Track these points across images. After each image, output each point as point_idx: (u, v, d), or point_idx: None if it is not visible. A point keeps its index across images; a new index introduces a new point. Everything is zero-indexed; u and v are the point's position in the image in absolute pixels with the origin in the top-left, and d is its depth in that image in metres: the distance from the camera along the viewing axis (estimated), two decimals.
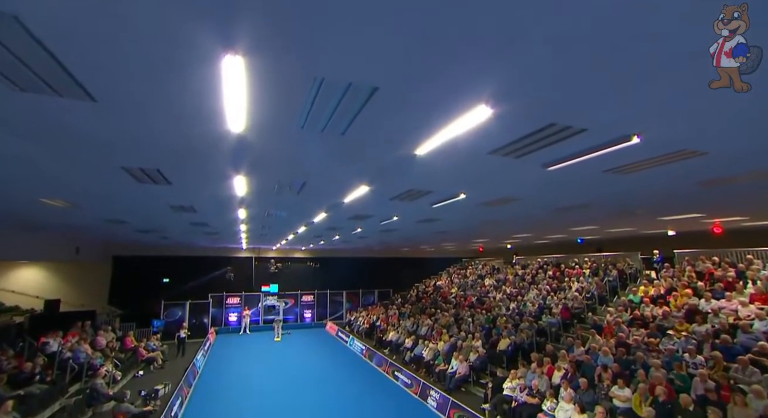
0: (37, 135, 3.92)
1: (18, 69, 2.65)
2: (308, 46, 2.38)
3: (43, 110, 3.33)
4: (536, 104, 3.28)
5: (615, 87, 2.93)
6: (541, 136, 3.90)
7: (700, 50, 2.12)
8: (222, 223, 11.00)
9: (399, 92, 3.03)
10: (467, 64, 2.63)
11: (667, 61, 2.53)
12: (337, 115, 3.46)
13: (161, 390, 10.13)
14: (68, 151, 4.43)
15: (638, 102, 3.16)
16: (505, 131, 3.75)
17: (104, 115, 3.41)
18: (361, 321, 21.22)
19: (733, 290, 10.92)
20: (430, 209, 8.44)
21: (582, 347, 10.65)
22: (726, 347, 8.53)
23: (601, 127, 3.73)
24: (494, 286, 19.55)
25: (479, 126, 3.56)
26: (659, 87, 2.89)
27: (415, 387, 11.55)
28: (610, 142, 3.91)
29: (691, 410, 6.95)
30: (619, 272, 14.84)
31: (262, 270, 24.61)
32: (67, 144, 4.18)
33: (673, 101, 3.12)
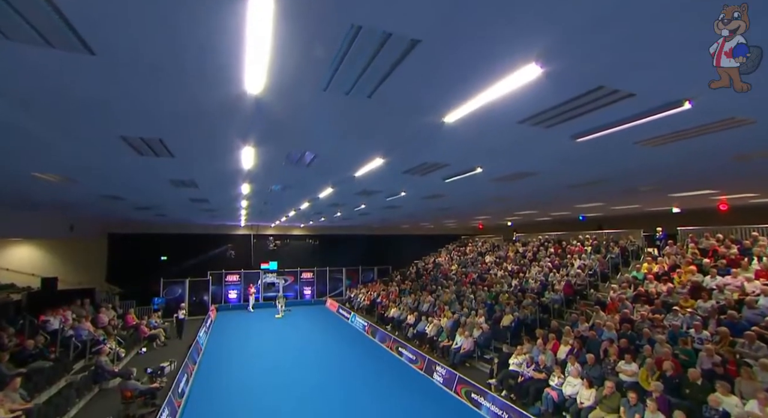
0: (26, 97, 3.51)
1: (2, 11, 2.25)
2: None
3: (33, 66, 2.93)
4: (587, 65, 2.97)
5: (672, 47, 2.64)
6: (584, 101, 3.59)
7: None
8: (223, 199, 10.64)
9: (443, 46, 2.68)
10: (523, 15, 2.31)
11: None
12: (367, 75, 3.11)
13: (167, 367, 10.09)
14: (61, 118, 4.03)
15: (696, 65, 2.85)
16: (550, 94, 3.43)
17: (104, 72, 3.01)
18: (361, 298, 21.34)
19: (737, 266, 10.95)
20: (442, 183, 8.16)
21: (586, 323, 10.71)
22: (732, 323, 8.58)
23: (650, 92, 3.43)
24: (495, 263, 19.61)
25: (522, 89, 3.25)
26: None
27: (420, 363, 11.66)
28: (658, 109, 3.62)
29: (699, 384, 7.01)
30: (621, 249, 14.86)
31: (260, 247, 24.44)
32: (60, 108, 3.78)
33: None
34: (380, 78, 3.17)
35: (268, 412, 8.67)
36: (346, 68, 2.98)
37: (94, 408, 9.10)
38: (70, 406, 8.79)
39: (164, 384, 9.53)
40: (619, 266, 14.34)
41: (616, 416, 7.06)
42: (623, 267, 14.27)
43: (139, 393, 8.87)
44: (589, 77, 3.16)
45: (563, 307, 12.94)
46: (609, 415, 7.12)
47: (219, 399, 9.39)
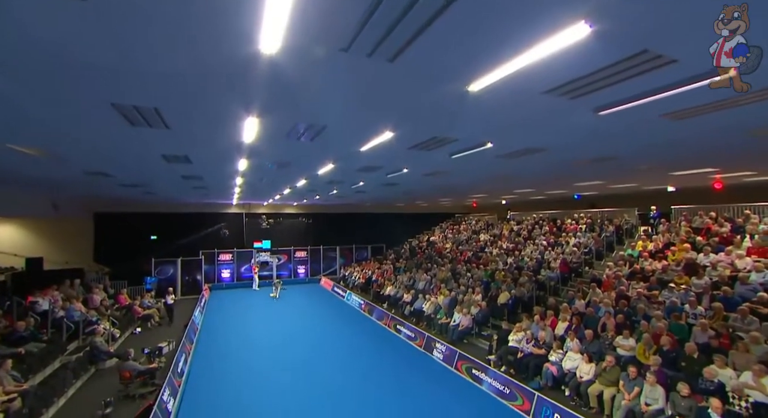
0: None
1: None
2: None
3: (7, 15, 2.53)
4: (637, 25, 2.72)
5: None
6: (624, 67, 3.35)
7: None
8: (218, 176, 10.21)
9: (483, 4, 2.38)
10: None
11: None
12: (394, 35, 2.80)
13: (165, 347, 9.97)
14: (41, 79, 3.59)
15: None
16: (590, 58, 3.17)
17: (93, 22, 2.62)
18: (356, 276, 21.38)
19: (730, 244, 11.16)
20: (447, 160, 7.93)
21: (582, 299, 10.88)
22: (725, 298, 8.78)
23: (694, 59, 3.19)
24: (490, 241, 19.73)
25: (561, 52, 2.99)
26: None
27: (420, 340, 11.77)
28: (700, 77, 3.40)
29: (695, 357, 7.19)
30: (616, 227, 15.03)
31: (253, 226, 24.06)
32: (40, 68, 3.34)
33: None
34: (408, 39, 2.86)
35: (268, 390, 8.66)
36: (373, 26, 2.66)
37: (91, 389, 8.97)
38: (67, 387, 8.65)
39: (163, 364, 9.42)
40: (613, 244, 14.53)
41: (615, 388, 7.22)
42: (618, 245, 14.47)
43: (138, 373, 8.75)
44: (635, 40, 2.91)
45: (559, 284, 13.13)
46: (608, 388, 7.28)
47: (219, 378, 9.34)
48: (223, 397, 8.33)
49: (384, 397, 8.30)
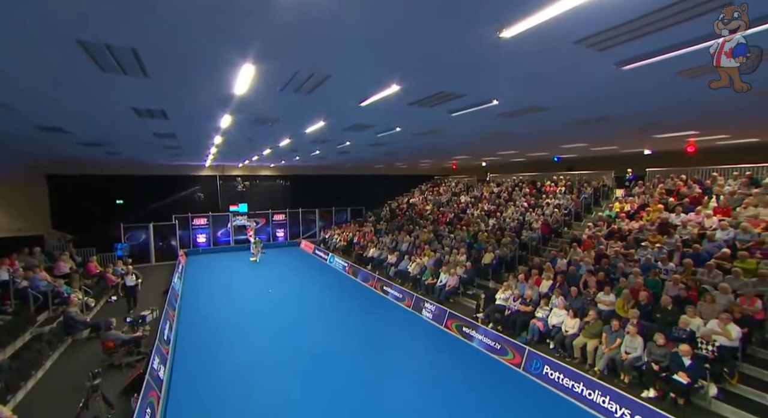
0: None
1: None
2: None
3: None
4: None
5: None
6: (671, 12, 3.08)
7: None
8: (195, 133, 9.34)
9: None
10: None
11: None
12: None
13: (148, 316, 9.57)
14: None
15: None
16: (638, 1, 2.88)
17: None
18: (337, 239, 21.27)
19: (699, 204, 11.80)
20: (446, 118, 7.58)
21: (564, 259, 11.32)
22: (695, 255, 9.39)
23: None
24: (471, 203, 19.96)
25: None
26: None
27: (408, 301, 12.00)
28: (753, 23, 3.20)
29: (669, 309, 7.72)
30: (594, 189, 15.51)
31: (228, 189, 23.02)
32: None
33: None
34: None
35: (259, 355, 8.61)
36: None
37: (71, 360, 8.59)
38: (44, 359, 8.21)
39: (148, 333, 9.09)
40: (591, 206, 15.06)
41: (597, 340, 7.70)
42: (595, 206, 15.01)
43: (122, 343, 8.42)
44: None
45: (540, 244, 13.58)
46: (591, 340, 7.75)
47: (207, 344, 9.18)
48: (213, 363, 8.21)
49: (376, 357, 8.48)
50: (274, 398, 6.81)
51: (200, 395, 6.94)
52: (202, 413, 6.38)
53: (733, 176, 12.96)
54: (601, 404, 6.25)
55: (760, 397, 6.23)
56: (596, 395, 6.37)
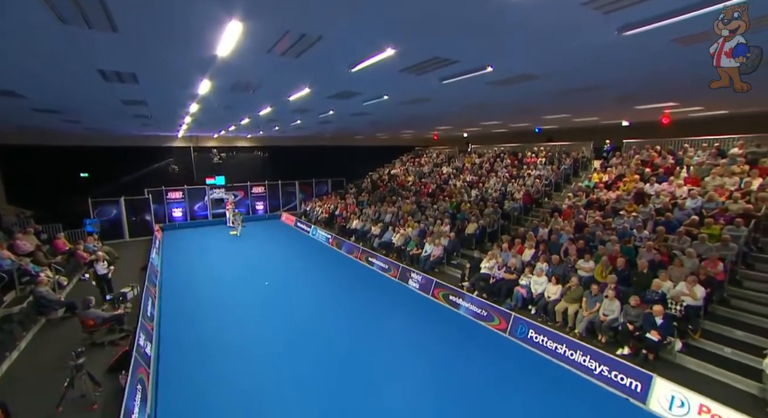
0: None
1: None
2: None
3: None
4: None
5: None
6: None
7: None
8: (169, 101, 8.67)
9: None
10: None
11: None
12: None
13: (129, 293, 9.26)
14: None
15: None
16: None
17: None
18: (318, 211, 21.03)
19: (672, 174, 12.32)
20: (435, 86, 7.35)
21: (545, 228, 11.66)
22: (667, 223, 9.89)
23: None
24: (453, 174, 20.04)
25: None
26: None
27: (394, 271, 12.14)
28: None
29: (644, 273, 8.18)
30: (573, 160, 15.84)
31: (203, 161, 21.99)
32: None
33: None
34: None
35: (246, 328, 8.58)
36: None
37: (48, 340, 8.30)
38: (17, 339, 7.88)
39: (129, 310, 8.84)
40: (570, 177, 15.43)
41: (578, 305, 8.11)
42: (574, 177, 15.39)
43: (103, 321, 8.16)
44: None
45: (522, 214, 13.91)
46: (572, 305, 8.15)
47: (193, 319, 9.05)
48: (200, 338, 8.12)
49: (364, 326, 8.64)
50: (262, 368, 6.87)
51: (190, 369, 6.89)
52: (193, 387, 6.36)
53: (703, 148, 13.53)
54: (582, 363, 6.67)
55: (718, 349, 6.85)
56: (577, 354, 6.78)
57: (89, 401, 5.95)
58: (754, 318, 7.27)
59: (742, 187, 10.41)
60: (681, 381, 5.78)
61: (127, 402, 5.16)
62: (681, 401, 5.55)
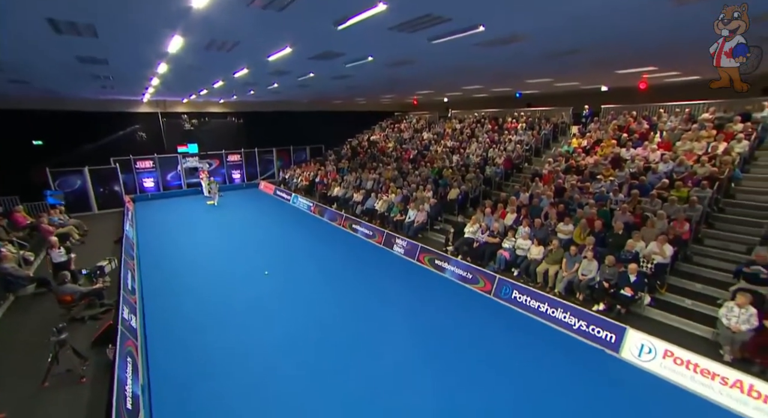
0: None
1: None
2: None
3: None
4: None
5: None
6: None
7: None
8: (134, 60, 7.88)
9: None
10: None
11: None
12: None
13: (106, 266, 8.89)
14: None
15: None
16: None
17: None
18: (298, 179, 20.58)
19: (646, 139, 12.71)
20: (423, 46, 7.04)
21: (526, 192, 11.93)
22: (641, 186, 10.32)
23: None
24: (433, 139, 19.89)
25: None
26: None
27: (378, 237, 12.22)
28: None
29: (619, 234, 8.61)
30: (553, 126, 15.99)
31: (173, 128, 20.67)
32: None
33: None
34: None
35: (230, 296, 8.52)
36: None
37: (22, 316, 7.96)
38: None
39: (109, 283, 8.54)
40: (550, 142, 15.64)
41: (558, 266, 8.49)
42: (554, 142, 15.61)
43: (81, 296, 7.87)
44: None
45: (503, 180, 14.13)
46: (552, 266, 8.53)
47: (177, 291, 8.86)
48: (184, 309, 8.00)
49: (350, 291, 8.75)
50: (250, 335, 6.91)
51: (178, 340, 6.85)
52: (183, 357, 6.35)
53: (676, 113, 13.95)
54: (562, 319, 7.10)
55: (680, 301, 7.46)
56: (558, 312, 7.20)
57: (77, 375, 5.85)
58: (712, 272, 7.90)
59: (709, 151, 10.90)
60: (649, 331, 6.28)
61: (119, 374, 5.10)
62: (649, 348, 6.05)
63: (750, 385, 5.11)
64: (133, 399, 4.92)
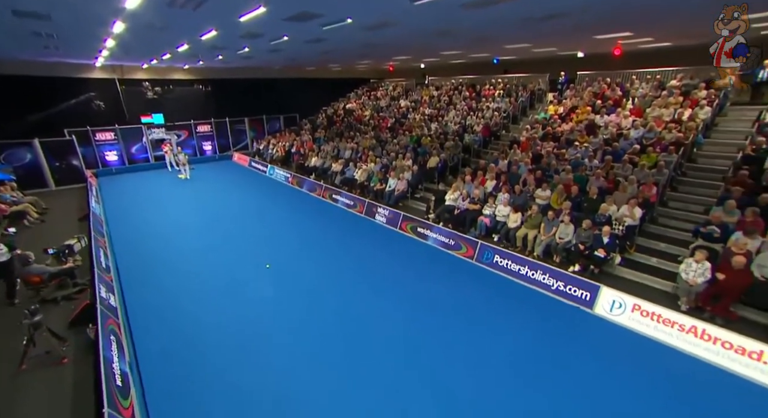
0: None
1: None
2: None
3: None
4: None
5: None
6: None
7: None
8: (82, 16, 7.04)
9: None
10: None
11: None
12: None
13: (76, 245, 8.42)
14: None
15: None
16: None
17: None
18: (273, 149, 19.89)
19: (619, 106, 13.03)
20: (406, 6, 6.70)
21: (505, 160, 12.09)
22: (614, 152, 10.68)
23: None
24: (411, 107, 19.56)
25: None
26: None
27: (360, 207, 12.16)
28: None
29: (594, 199, 8.97)
30: (531, 92, 16.03)
31: (134, 96, 19.09)
32: None
33: None
34: None
35: (211, 271, 8.35)
36: None
37: None
38: None
39: (80, 262, 8.14)
40: (527, 109, 15.73)
41: (536, 230, 8.81)
42: (530, 109, 15.72)
43: (51, 276, 7.49)
44: None
45: (481, 147, 14.21)
46: (531, 230, 8.84)
47: (153, 268, 8.56)
48: (165, 286, 7.79)
49: (333, 262, 8.77)
50: (233, 308, 6.87)
51: (161, 315, 6.73)
52: (169, 331, 6.27)
53: (647, 79, 14.27)
54: (541, 281, 7.47)
55: (647, 259, 7.99)
56: (537, 274, 7.55)
57: (57, 355, 5.69)
58: (675, 232, 8.47)
59: (675, 117, 11.33)
60: (619, 288, 6.74)
61: (104, 352, 4.98)
62: (619, 304, 6.52)
63: (702, 330, 5.68)
64: (122, 376, 4.85)
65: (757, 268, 6.25)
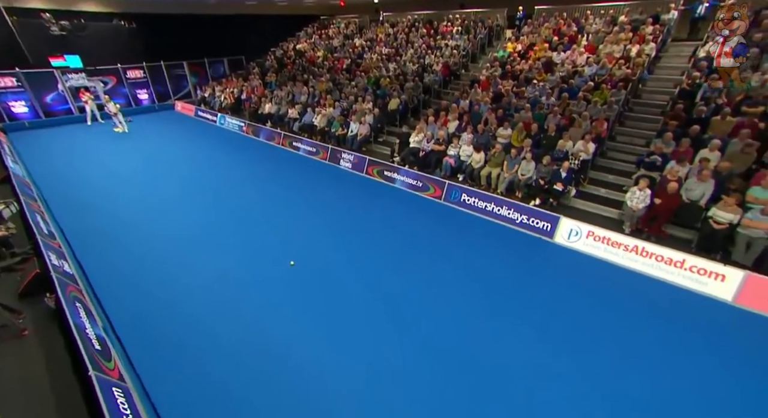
0: None
1: None
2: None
3: None
4: None
5: None
6: None
7: None
8: None
9: None
10: None
11: None
12: None
13: (4, 211, 7.45)
14: None
15: None
16: None
17: None
18: (220, 96, 18.17)
19: (575, 43, 13.15)
20: None
21: (466, 99, 12.03)
22: (569, 89, 10.99)
23: None
24: (367, 47, 18.42)
25: None
26: None
27: (323, 154, 11.77)
28: None
29: (552, 136, 9.35)
30: (489, 29, 15.59)
31: (33, 32, 15.76)
32: None
33: None
34: None
35: (174, 230, 7.87)
36: None
37: None
38: None
39: (15, 230, 7.27)
40: (485, 46, 15.40)
41: (499, 169, 9.13)
42: (489, 47, 15.41)
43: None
44: None
45: (442, 87, 13.95)
46: (494, 169, 9.15)
47: (104, 230, 7.82)
48: (124, 248, 7.23)
49: (301, 212, 8.58)
50: (200, 258, 6.68)
51: (125, 275, 6.36)
52: (137, 290, 6.00)
53: (600, 15, 14.36)
54: (506, 216, 7.93)
55: (598, 191, 8.70)
56: (503, 209, 7.98)
57: (16, 328, 5.30)
58: (621, 164, 9.21)
59: (624, 54, 11.70)
60: (575, 217, 7.35)
61: (74, 320, 4.71)
62: (576, 232, 7.15)
63: (642, 248, 6.48)
64: (99, 341, 4.65)
65: (684, 192, 7.07)
